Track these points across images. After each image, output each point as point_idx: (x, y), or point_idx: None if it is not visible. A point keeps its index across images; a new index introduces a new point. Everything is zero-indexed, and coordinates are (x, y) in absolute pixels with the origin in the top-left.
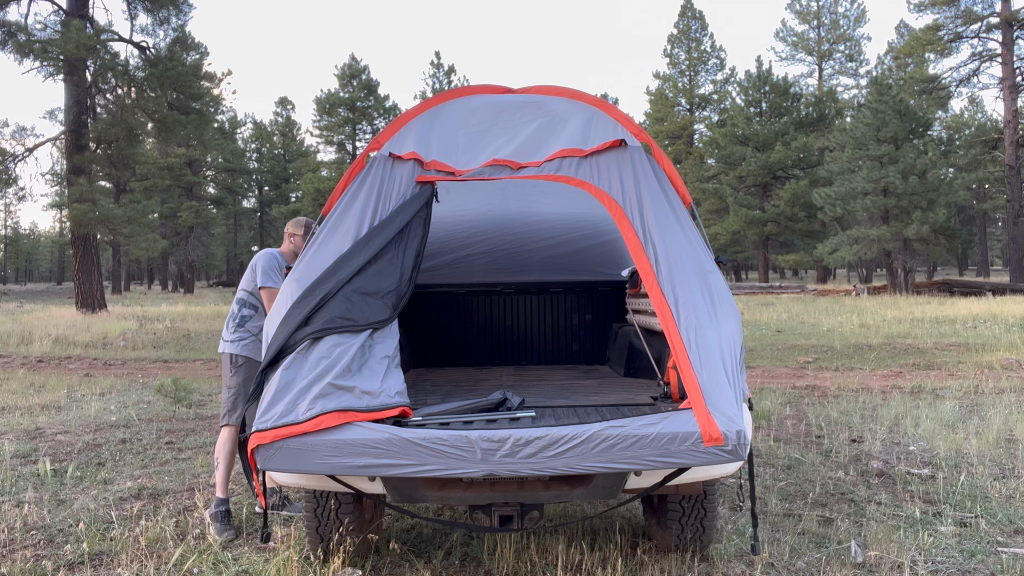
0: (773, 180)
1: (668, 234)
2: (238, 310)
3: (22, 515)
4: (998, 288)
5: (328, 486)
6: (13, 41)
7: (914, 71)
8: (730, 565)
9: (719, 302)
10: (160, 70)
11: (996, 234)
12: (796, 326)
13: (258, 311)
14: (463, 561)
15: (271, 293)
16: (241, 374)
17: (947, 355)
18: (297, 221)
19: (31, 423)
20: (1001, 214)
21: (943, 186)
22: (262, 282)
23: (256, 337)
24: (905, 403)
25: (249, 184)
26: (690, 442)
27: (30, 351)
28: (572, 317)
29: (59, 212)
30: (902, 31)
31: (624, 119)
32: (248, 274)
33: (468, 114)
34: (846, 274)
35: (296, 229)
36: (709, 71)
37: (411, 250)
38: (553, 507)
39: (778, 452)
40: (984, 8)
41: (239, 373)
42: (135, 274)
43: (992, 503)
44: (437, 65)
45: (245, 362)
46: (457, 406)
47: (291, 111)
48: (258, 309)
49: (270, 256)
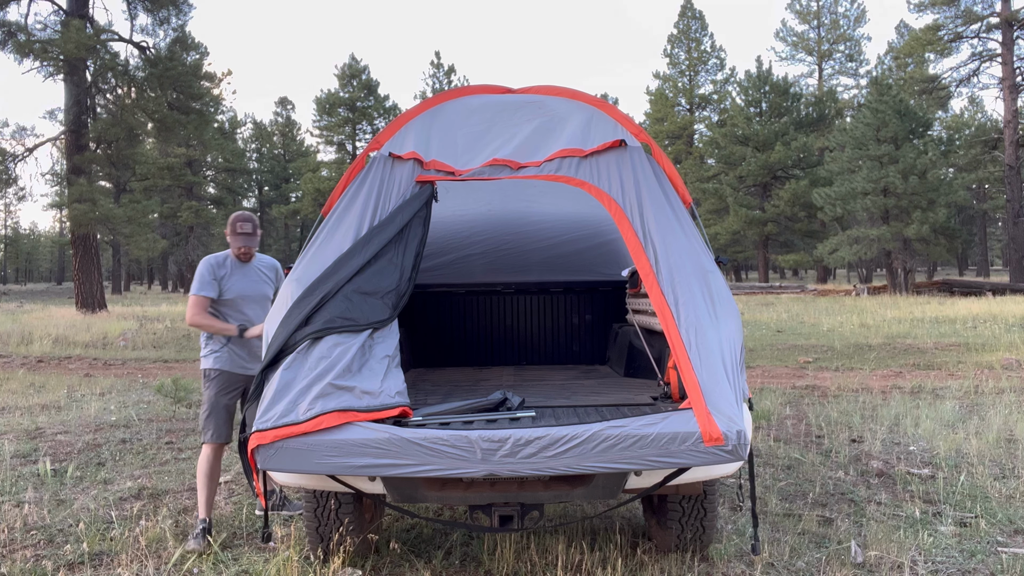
0: (773, 180)
1: (668, 234)
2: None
3: (22, 515)
4: (998, 288)
5: (328, 486)
6: (13, 41)
7: (914, 71)
8: (730, 565)
9: (719, 302)
10: (160, 70)
11: (996, 234)
12: (796, 326)
13: (224, 320)
14: (463, 561)
15: (196, 300)
16: (213, 387)
17: (947, 355)
18: (232, 218)
19: (31, 423)
20: (1001, 214)
21: (943, 186)
22: (191, 290)
23: (226, 346)
24: (905, 403)
25: (249, 184)
26: (690, 442)
27: (30, 351)
28: (572, 317)
29: (59, 212)
30: (902, 31)
31: (624, 119)
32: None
33: (468, 114)
34: (846, 274)
35: (228, 227)
36: (709, 71)
37: (411, 250)
38: (553, 507)
39: (778, 452)
40: (984, 8)
41: (211, 386)
42: (135, 274)
43: (992, 503)
44: (437, 65)
45: (217, 375)
46: (457, 406)
47: (291, 111)
48: (224, 318)
49: (205, 264)
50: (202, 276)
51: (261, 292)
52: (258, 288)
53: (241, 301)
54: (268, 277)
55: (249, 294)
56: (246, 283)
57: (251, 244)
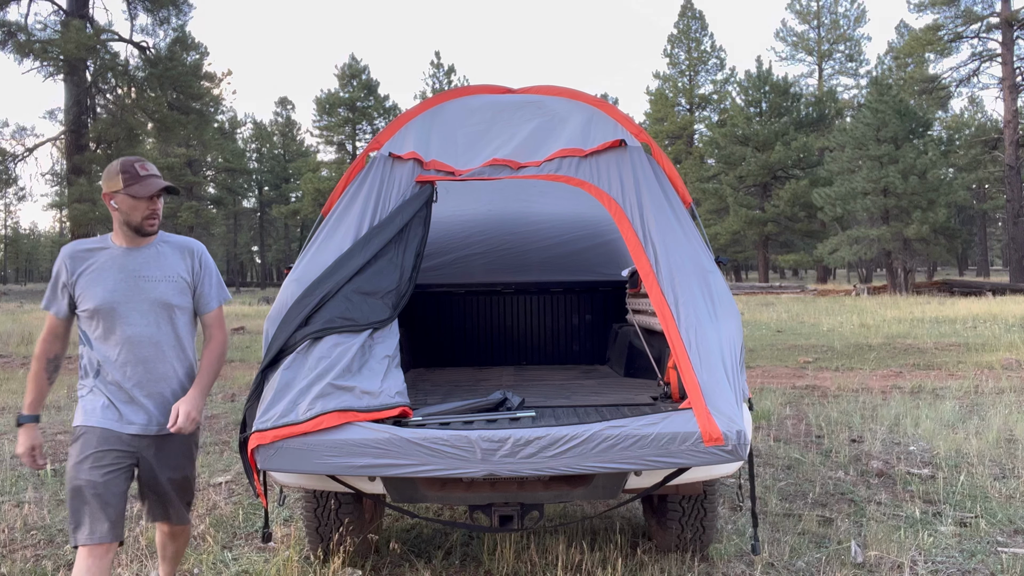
0: (773, 180)
1: (668, 234)
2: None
3: (22, 515)
4: (998, 288)
5: (328, 486)
6: (13, 41)
7: (914, 71)
8: (730, 565)
9: (719, 302)
10: (160, 70)
11: (996, 234)
12: (796, 326)
13: (85, 345)
14: (463, 561)
15: (47, 319)
16: (74, 453)
17: (947, 355)
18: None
19: None
20: (1001, 214)
21: (943, 186)
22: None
23: (96, 382)
24: (905, 403)
25: (249, 184)
26: (690, 442)
27: (30, 351)
28: (572, 317)
29: (59, 212)
30: (902, 31)
31: (624, 119)
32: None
33: (468, 114)
34: (846, 274)
35: (109, 184)
36: (709, 71)
37: (411, 250)
38: (553, 507)
39: (778, 452)
40: (984, 8)
41: (72, 451)
42: None
43: (992, 503)
44: (437, 65)
45: (84, 433)
46: (457, 406)
47: (291, 111)
48: (85, 342)
49: (57, 262)
50: (52, 282)
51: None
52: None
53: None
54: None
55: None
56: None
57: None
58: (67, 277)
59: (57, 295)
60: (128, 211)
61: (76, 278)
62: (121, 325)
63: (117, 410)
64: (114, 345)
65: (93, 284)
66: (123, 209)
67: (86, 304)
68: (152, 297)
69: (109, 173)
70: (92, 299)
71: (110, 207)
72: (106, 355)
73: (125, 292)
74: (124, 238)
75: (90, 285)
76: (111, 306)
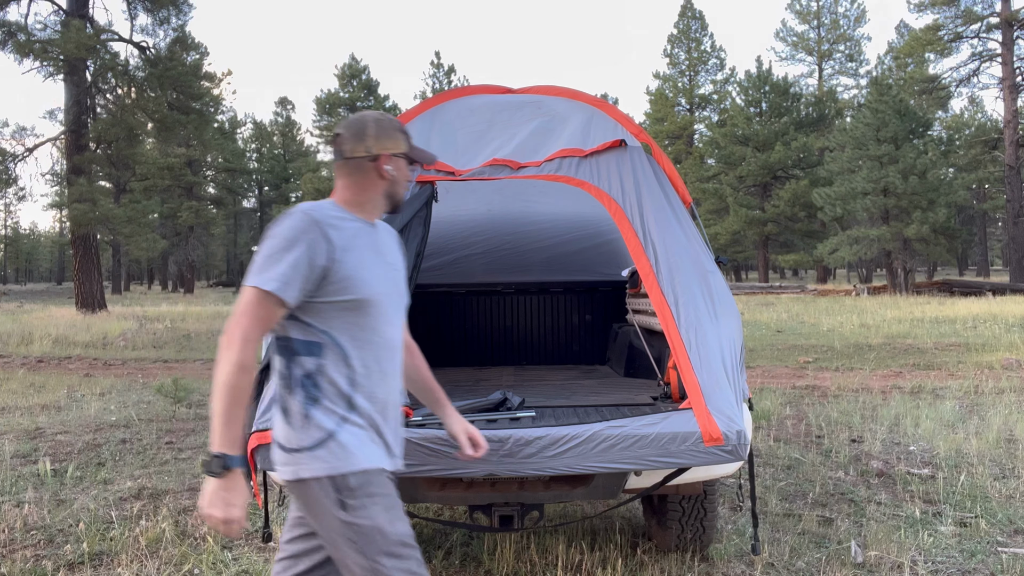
0: (773, 180)
1: (668, 234)
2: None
3: (22, 515)
4: (998, 288)
5: None
6: (13, 41)
7: (914, 71)
8: (730, 565)
9: (719, 302)
10: (160, 70)
11: (996, 234)
12: (796, 326)
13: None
14: (463, 561)
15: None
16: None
17: (947, 355)
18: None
19: (31, 423)
20: (1001, 214)
21: (943, 186)
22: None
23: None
24: (905, 403)
25: (249, 184)
26: (690, 442)
27: (30, 351)
28: (572, 317)
29: (59, 212)
30: (902, 31)
31: (624, 119)
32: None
33: (468, 114)
34: (846, 274)
35: (386, 143)
36: (709, 71)
37: (411, 250)
38: (553, 507)
39: (778, 452)
40: (984, 8)
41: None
42: (135, 274)
43: (992, 503)
44: (437, 65)
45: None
46: (457, 406)
47: (291, 111)
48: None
49: (300, 223)
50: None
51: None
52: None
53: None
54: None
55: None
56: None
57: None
58: (329, 251)
59: (302, 272)
60: (401, 180)
61: (341, 255)
62: (384, 324)
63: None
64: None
65: (360, 267)
66: (398, 176)
67: (351, 293)
68: (402, 289)
69: (382, 129)
70: (361, 287)
71: (380, 171)
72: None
73: (385, 281)
74: (368, 211)
75: (359, 268)
76: (379, 298)
